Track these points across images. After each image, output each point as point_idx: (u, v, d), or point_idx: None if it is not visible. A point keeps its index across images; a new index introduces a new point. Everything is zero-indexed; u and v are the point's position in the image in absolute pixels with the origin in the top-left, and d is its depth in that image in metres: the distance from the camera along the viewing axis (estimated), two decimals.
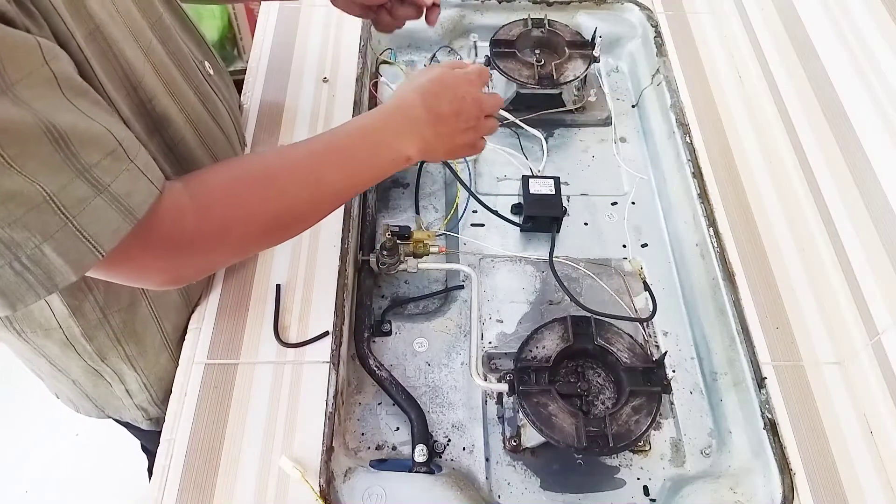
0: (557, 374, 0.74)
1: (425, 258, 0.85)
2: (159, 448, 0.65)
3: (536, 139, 1.03)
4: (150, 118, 0.57)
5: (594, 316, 0.77)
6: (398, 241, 0.83)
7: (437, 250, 0.86)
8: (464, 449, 0.75)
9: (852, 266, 0.76)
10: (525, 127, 1.03)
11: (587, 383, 0.73)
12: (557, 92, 1.03)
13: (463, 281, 0.88)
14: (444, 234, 0.92)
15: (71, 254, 0.44)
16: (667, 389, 0.71)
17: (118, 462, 1.50)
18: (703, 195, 0.88)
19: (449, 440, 0.75)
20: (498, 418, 0.78)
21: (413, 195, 0.96)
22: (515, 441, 0.75)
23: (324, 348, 0.72)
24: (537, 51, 1.03)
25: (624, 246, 0.93)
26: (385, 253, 0.82)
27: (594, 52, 1.01)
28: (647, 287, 0.88)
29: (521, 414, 0.71)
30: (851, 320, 0.75)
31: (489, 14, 1.15)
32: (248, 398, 0.68)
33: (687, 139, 0.94)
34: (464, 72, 0.66)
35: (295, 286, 0.76)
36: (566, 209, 0.91)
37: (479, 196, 0.90)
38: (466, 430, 0.76)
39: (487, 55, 1.02)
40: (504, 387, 0.72)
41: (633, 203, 0.97)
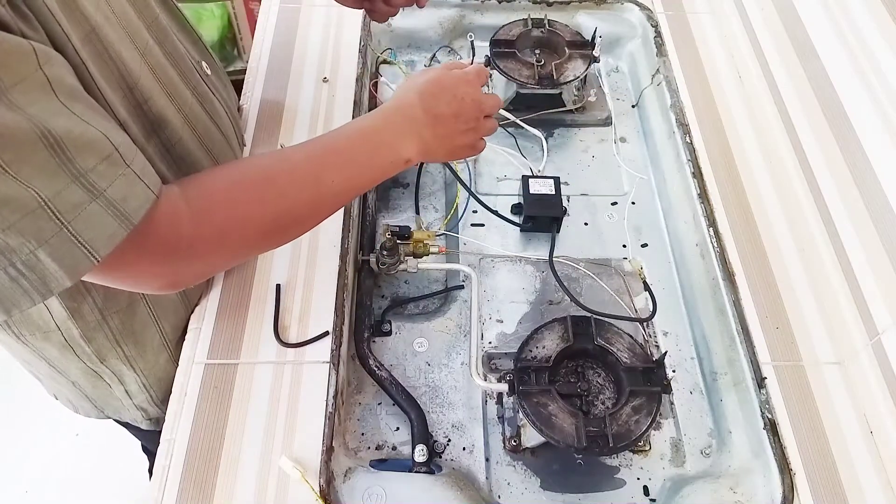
0: (557, 374, 0.74)
1: (425, 258, 0.85)
2: (159, 448, 0.65)
3: (536, 139, 1.03)
4: (147, 119, 0.57)
5: (594, 316, 0.77)
6: (398, 241, 0.83)
7: (437, 250, 0.85)
8: (464, 449, 0.75)
9: (852, 266, 0.76)
10: (525, 127, 1.03)
11: (587, 383, 0.73)
12: (557, 92, 1.03)
13: (463, 281, 0.88)
14: (444, 234, 0.92)
15: (66, 259, 0.43)
16: (667, 389, 0.71)
17: (118, 462, 1.50)
18: (703, 195, 0.88)
19: (449, 440, 0.75)
20: (498, 418, 0.78)
21: (413, 195, 0.96)
22: (515, 441, 0.75)
23: (324, 348, 0.72)
24: (537, 51, 1.03)
25: (624, 246, 0.93)
26: (385, 253, 0.82)
27: (594, 52, 1.01)
28: (647, 287, 0.88)
29: (521, 414, 0.71)
30: (851, 320, 0.75)
31: (489, 14, 1.15)
32: (248, 398, 0.68)
33: (687, 139, 0.94)
34: (462, 72, 0.66)
35: (295, 286, 0.76)
36: (566, 209, 0.91)
37: (479, 196, 0.90)
38: (466, 430, 0.76)
39: (487, 55, 1.02)
40: (504, 387, 0.72)
41: (633, 203, 0.97)
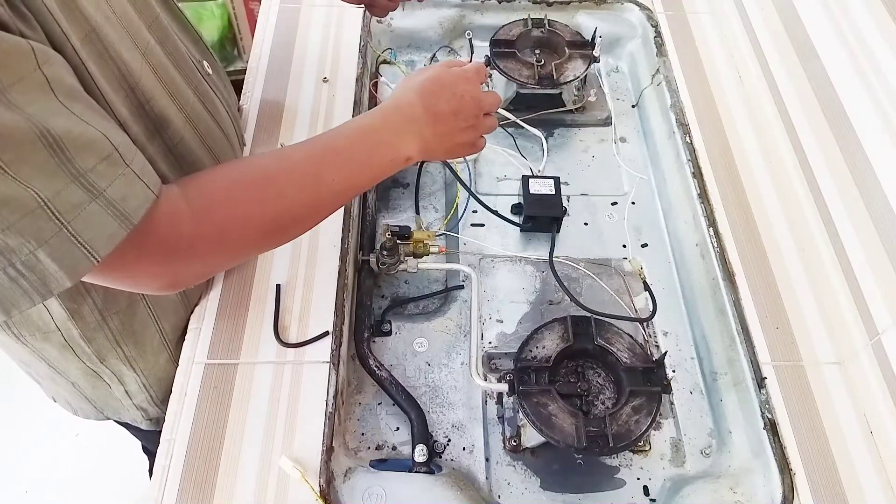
0: (557, 374, 0.74)
1: (425, 258, 0.85)
2: (159, 448, 0.65)
3: (536, 139, 1.03)
4: (150, 119, 0.57)
5: (594, 316, 0.77)
6: (398, 241, 0.83)
7: (437, 250, 0.85)
8: (464, 449, 0.75)
9: (852, 266, 0.76)
10: (525, 127, 1.03)
11: (587, 383, 0.73)
12: (557, 92, 1.03)
13: (463, 281, 0.88)
14: (444, 234, 0.92)
15: (66, 259, 0.43)
16: (667, 389, 0.71)
17: (118, 462, 1.50)
18: (703, 195, 0.88)
19: (449, 440, 0.75)
20: (498, 418, 0.78)
21: (413, 195, 0.96)
22: (515, 441, 0.75)
23: (324, 348, 0.72)
24: (537, 51, 1.03)
25: (624, 246, 0.93)
26: (385, 253, 0.82)
27: (594, 52, 1.01)
28: (647, 287, 0.88)
29: (521, 414, 0.71)
30: (851, 320, 0.75)
31: (489, 14, 1.15)
32: (248, 398, 0.68)
33: (687, 139, 0.94)
34: (461, 70, 0.66)
35: (295, 286, 0.76)
36: (566, 209, 0.91)
37: (479, 196, 0.90)
38: (466, 430, 0.76)
39: (487, 55, 1.02)
40: (504, 387, 0.72)
41: (633, 203, 0.97)
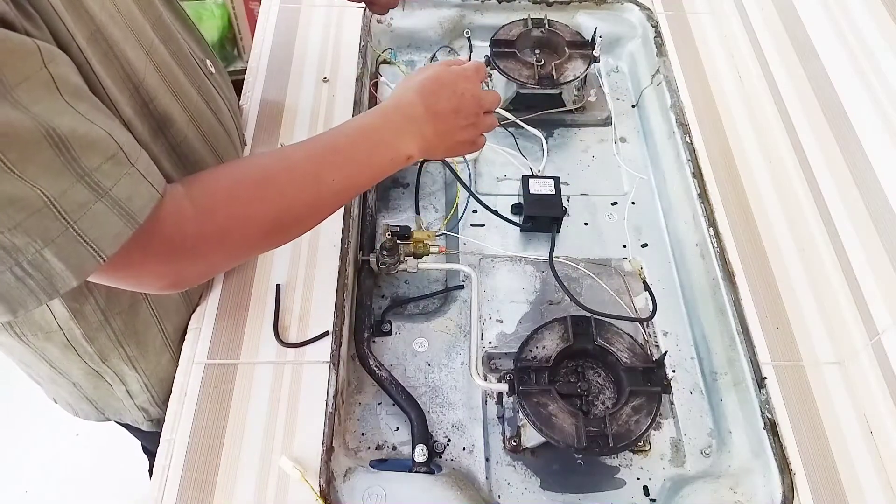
0: (557, 374, 0.74)
1: (425, 258, 0.85)
2: (159, 448, 0.65)
3: (536, 139, 1.03)
4: (154, 118, 0.57)
5: (594, 316, 0.77)
6: (398, 241, 0.83)
7: (437, 250, 0.85)
8: (464, 449, 0.75)
9: (852, 266, 0.76)
10: (525, 127, 1.03)
11: (587, 383, 0.73)
12: (557, 92, 1.03)
13: (463, 281, 0.88)
14: (444, 234, 0.92)
15: (72, 259, 0.43)
16: (667, 389, 0.71)
17: (118, 462, 1.50)
18: (703, 195, 0.88)
19: (449, 440, 0.75)
20: (498, 418, 0.78)
21: (413, 195, 0.96)
22: (515, 441, 0.75)
23: (324, 348, 0.72)
24: (537, 51, 1.03)
25: (624, 246, 0.93)
26: (385, 253, 0.82)
27: (594, 52, 1.01)
28: (647, 287, 0.88)
29: (521, 414, 0.71)
30: (851, 320, 0.75)
31: (489, 14, 1.15)
32: (248, 398, 0.68)
33: (687, 139, 0.94)
34: (461, 68, 0.66)
35: (295, 286, 0.76)
36: (566, 209, 0.91)
37: (479, 196, 0.90)
38: (466, 430, 0.76)
39: (487, 55, 1.02)
40: (504, 387, 0.72)
41: (633, 203, 0.97)
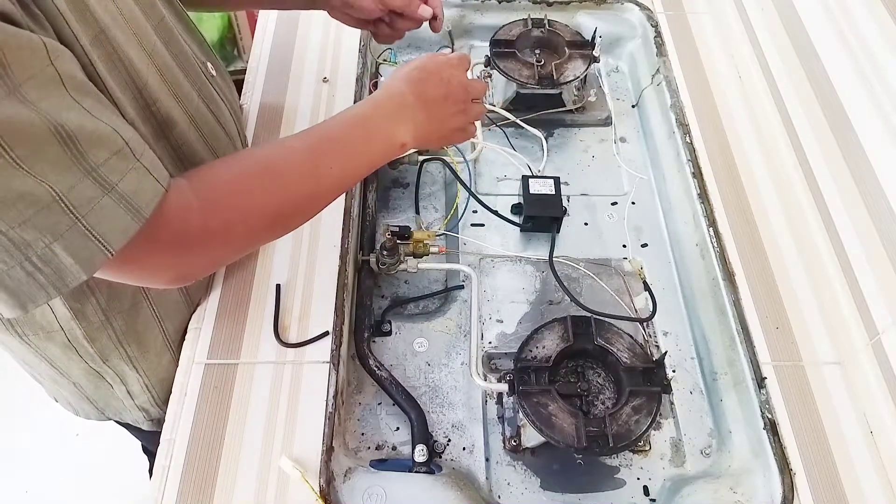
0: (557, 374, 0.74)
1: (425, 258, 0.85)
2: (159, 448, 0.65)
3: (536, 139, 1.03)
4: (156, 120, 0.58)
5: (594, 316, 0.77)
6: (398, 241, 0.83)
7: (437, 250, 0.86)
8: (464, 449, 0.75)
9: (852, 266, 0.76)
10: (525, 127, 1.03)
11: (587, 383, 0.73)
12: (557, 92, 1.03)
13: (463, 281, 0.88)
14: (444, 234, 0.92)
15: (81, 253, 0.44)
16: (667, 389, 0.71)
17: (118, 462, 1.50)
18: (703, 195, 0.88)
19: (449, 440, 0.75)
20: (498, 418, 0.78)
21: (413, 195, 0.96)
22: (515, 441, 0.75)
23: (324, 348, 0.72)
24: (537, 51, 1.03)
25: (624, 246, 0.93)
26: (385, 253, 0.82)
27: (594, 52, 1.01)
28: (647, 287, 0.88)
29: (521, 414, 0.71)
30: (851, 320, 0.75)
31: (489, 14, 1.15)
32: (248, 398, 0.68)
33: (687, 139, 0.94)
34: (445, 57, 0.68)
35: (295, 286, 0.76)
36: (566, 209, 0.91)
37: (479, 196, 0.90)
38: (466, 430, 0.76)
39: (487, 55, 1.02)
40: (504, 387, 0.72)
41: (633, 203, 0.97)
